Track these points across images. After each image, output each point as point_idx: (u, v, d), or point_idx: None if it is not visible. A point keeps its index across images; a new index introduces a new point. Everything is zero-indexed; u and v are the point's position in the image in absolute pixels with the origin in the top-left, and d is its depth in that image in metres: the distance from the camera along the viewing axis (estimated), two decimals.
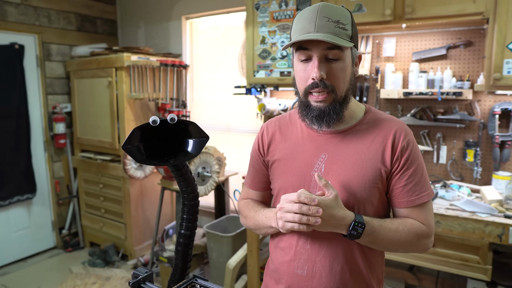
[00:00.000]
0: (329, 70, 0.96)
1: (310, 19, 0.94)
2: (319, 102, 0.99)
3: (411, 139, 1.03)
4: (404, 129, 1.04)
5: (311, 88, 0.98)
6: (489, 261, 1.90)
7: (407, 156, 1.00)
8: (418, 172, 1.01)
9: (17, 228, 3.49)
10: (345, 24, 0.95)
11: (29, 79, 3.48)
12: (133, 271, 0.81)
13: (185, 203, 1.18)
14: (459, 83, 2.29)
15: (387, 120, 1.06)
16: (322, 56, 0.96)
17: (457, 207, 2.01)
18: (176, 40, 3.74)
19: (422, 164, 1.03)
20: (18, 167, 3.41)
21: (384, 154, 1.00)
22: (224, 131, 3.54)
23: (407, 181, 1.00)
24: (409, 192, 1.01)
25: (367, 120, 1.07)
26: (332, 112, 0.99)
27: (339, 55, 0.96)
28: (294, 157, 1.08)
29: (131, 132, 0.87)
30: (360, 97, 2.62)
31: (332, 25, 0.93)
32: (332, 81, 0.97)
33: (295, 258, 1.05)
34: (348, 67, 1.00)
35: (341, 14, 0.95)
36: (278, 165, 1.11)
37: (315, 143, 1.06)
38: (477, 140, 2.33)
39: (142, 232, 3.52)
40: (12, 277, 3.22)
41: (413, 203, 1.01)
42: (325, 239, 1.01)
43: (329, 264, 1.01)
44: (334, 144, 1.04)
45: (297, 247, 1.05)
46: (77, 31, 3.85)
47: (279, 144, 1.13)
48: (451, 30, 2.36)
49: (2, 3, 3.25)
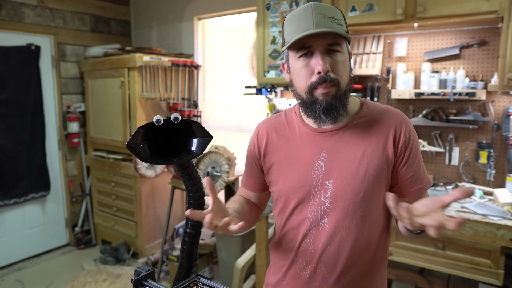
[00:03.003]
0: (332, 63, 0.95)
1: (306, 17, 0.93)
2: (326, 95, 0.96)
3: (412, 129, 1.03)
4: (404, 120, 1.02)
5: (318, 84, 0.95)
6: (501, 265, 1.86)
7: (411, 147, 1.00)
8: (420, 160, 1.04)
9: (31, 225, 3.56)
10: (339, 20, 0.96)
11: (44, 79, 3.56)
12: (135, 268, 0.82)
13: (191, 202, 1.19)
14: (472, 83, 2.25)
15: (385, 112, 1.05)
16: (324, 51, 0.95)
17: (469, 209, 1.98)
18: (188, 40, 3.77)
19: (420, 152, 1.05)
20: (33, 165, 3.49)
21: (387, 148, 0.99)
22: (235, 131, 3.55)
23: (414, 171, 1.01)
24: (417, 181, 1.02)
25: (364, 113, 1.05)
26: (339, 104, 0.97)
27: (339, 49, 0.96)
28: (294, 158, 1.05)
29: (135, 131, 0.88)
30: (371, 97, 2.60)
31: (329, 20, 0.93)
32: (336, 74, 0.96)
33: (298, 259, 1.04)
34: (347, 61, 0.99)
35: (334, 11, 0.96)
36: (277, 167, 1.09)
37: (314, 142, 1.04)
38: (491, 142, 2.28)
39: (153, 230, 3.55)
40: (26, 273, 3.29)
41: (422, 190, 1.03)
42: (329, 238, 1.00)
43: (332, 265, 1.00)
44: (333, 142, 1.02)
45: (300, 248, 1.04)
46: (91, 32, 3.92)
47: (277, 146, 1.10)
48: (465, 29, 2.32)
49: (19, 5, 3.33)
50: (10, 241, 3.41)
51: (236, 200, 1.16)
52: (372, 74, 2.54)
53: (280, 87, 2.81)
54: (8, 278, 3.20)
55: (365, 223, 0.99)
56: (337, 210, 0.98)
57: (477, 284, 2.19)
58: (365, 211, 0.98)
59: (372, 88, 2.60)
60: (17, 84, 3.34)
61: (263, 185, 1.17)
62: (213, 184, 0.88)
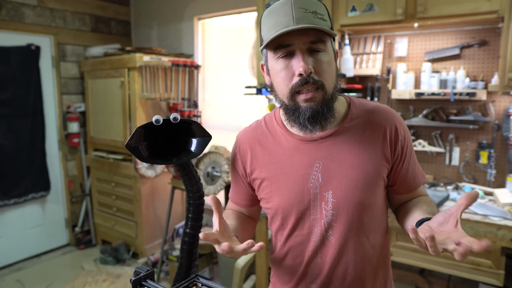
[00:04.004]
0: (315, 64, 0.86)
1: (285, 13, 0.84)
2: (309, 101, 0.88)
3: (404, 125, 0.99)
4: (396, 118, 0.98)
5: (299, 86, 0.86)
6: (502, 265, 1.85)
7: (407, 145, 0.99)
8: (414, 154, 1.03)
9: (31, 225, 3.56)
10: (323, 15, 0.87)
11: (44, 79, 3.56)
12: (135, 268, 0.82)
13: (191, 202, 1.19)
14: (473, 84, 2.24)
15: (375, 111, 0.98)
16: (305, 50, 0.86)
17: (469, 210, 1.97)
18: (188, 40, 3.77)
19: (412, 144, 1.04)
20: (33, 165, 3.49)
21: (383, 150, 0.95)
22: (235, 131, 3.54)
23: (410, 167, 1.01)
24: (413, 176, 1.02)
25: (354, 115, 0.97)
26: (326, 110, 0.89)
27: (323, 48, 0.87)
28: (285, 172, 0.97)
29: (134, 131, 0.88)
30: (371, 97, 2.60)
31: (311, 15, 0.84)
32: (320, 76, 0.87)
33: (307, 274, 1.01)
34: (332, 60, 0.90)
35: (316, 5, 0.86)
36: (268, 184, 0.99)
37: (304, 153, 0.96)
38: (491, 142, 2.28)
39: (153, 230, 3.55)
40: (26, 273, 3.29)
41: (418, 184, 1.03)
42: (336, 250, 0.96)
43: (342, 275, 0.97)
44: (326, 150, 0.95)
45: (308, 264, 1.00)
46: (92, 32, 3.92)
47: (263, 160, 1.01)
48: (465, 29, 2.32)
49: (20, 5, 3.33)
50: (10, 241, 3.41)
51: (229, 215, 1.08)
52: (372, 74, 2.54)
53: None
54: (8, 278, 3.20)
55: (370, 228, 0.97)
56: (341, 221, 0.94)
57: (477, 285, 2.19)
58: (369, 216, 0.96)
59: (372, 88, 2.60)
60: (17, 84, 3.34)
61: (253, 200, 1.10)
62: (219, 202, 0.81)
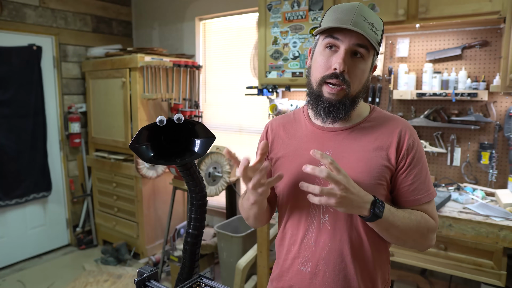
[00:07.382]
0: (351, 66, 0.97)
1: (348, 13, 0.96)
2: (332, 94, 0.99)
3: (416, 138, 1.04)
4: (409, 128, 1.04)
5: (329, 78, 0.98)
6: (504, 266, 1.85)
7: (413, 155, 1.01)
8: (423, 171, 1.03)
9: (32, 225, 3.56)
10: (377, 30, 0.99)
11: (46, 79, 3.56)
12: (138, 269, 0.82)
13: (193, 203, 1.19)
14: (474, 84, 2.24)
15: (392, 119, 1.07)
16: (349, 50, 0.97)
17: (471, 210, 1.97)
18: (190, 41, 3.77)
19: (426, 164, 1.05)
20: (34, 165, 3.49)
21: (389, 152, 1.01)
22: (236, 131, 3.55)
23: (413, 180, 1.01)
24: (415, 191, 1.01)
25: (372, 118, 1.07)
26: (341, 107, 1.00)
27: (364, 55, 0.98)
28: (298, 155, 1.07)
29: (138, 132, 0.88)
30: (372, 97, 2.60)
31: (366, 25, 0.96)
32: (350, 78, 0.98)
33: (299, 255, 1.05)
34: (367, 70, 1.02)
35: (376, 19, 0.99)
36: (281, 162, 1.11)
37: (319, 140, 1.07)
38: (493, 142, 2.28)
39: (154, 231, 3.55)
40: (27, 273, 3.29)
41: (419, 201, 1.02)
42: (330, 236, 1.00)
43: (333, 262, 1.00)
44: (338, 141, 1.04)
45: (301, 244, 1.05)
46: (93, 32, 3.92)
47: (283, 141, 1.13)
48: (467, 30, 2.32)
49: (21, 6, 3.33)
50: (11, 241, 3.41)
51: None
52: (373, 75, 2.53)
53: (281, 88, 2.81)
54: (9, 278, 3.20)
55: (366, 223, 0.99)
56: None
57: (479, 285, 2.19)
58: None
59: (374, 88, 2.60)
60: (19, 85, 3.34)
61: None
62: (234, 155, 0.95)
